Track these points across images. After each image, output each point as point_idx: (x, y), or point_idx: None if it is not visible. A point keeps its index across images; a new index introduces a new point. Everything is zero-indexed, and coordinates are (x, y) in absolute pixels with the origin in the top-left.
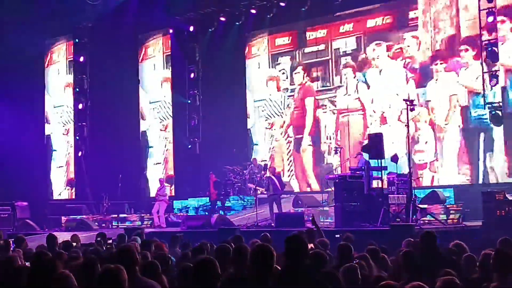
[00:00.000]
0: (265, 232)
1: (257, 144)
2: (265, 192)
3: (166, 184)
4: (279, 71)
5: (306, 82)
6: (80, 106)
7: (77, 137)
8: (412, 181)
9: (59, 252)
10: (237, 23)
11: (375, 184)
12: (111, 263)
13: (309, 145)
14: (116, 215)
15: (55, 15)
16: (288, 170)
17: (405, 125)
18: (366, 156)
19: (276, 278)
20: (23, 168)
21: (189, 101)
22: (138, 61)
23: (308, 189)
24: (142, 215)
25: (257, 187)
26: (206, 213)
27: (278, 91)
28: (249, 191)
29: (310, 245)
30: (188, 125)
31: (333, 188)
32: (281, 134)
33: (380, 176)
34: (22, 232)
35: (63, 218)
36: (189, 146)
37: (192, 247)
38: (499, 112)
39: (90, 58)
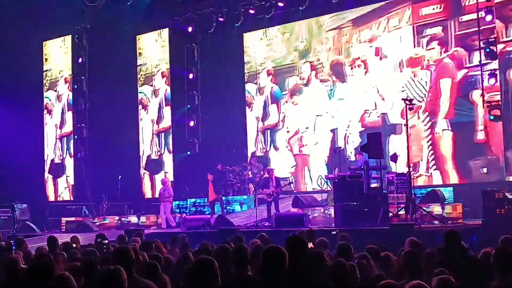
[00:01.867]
0: (262, 233)
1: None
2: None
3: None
4: (425, 44)
5: (443, 58)
6: (79, 107)
7: (76, 137)
8: (412, 180)
9: (59, 254)
10: (236, 24)
11: (374, 183)
12: (107, 264)
13: (445, 129)
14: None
15: (54, 16)
16: (428, 161)
17: (404, 125)
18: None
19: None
20: (23, 170)
21: (188, 106)
22: (137, 62)
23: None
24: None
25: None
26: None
27: (422, 69)
28: (266, 197)
29: (310, 245)
30: (187, 125)
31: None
32: (418, 119)
33: (379, 175)
34: (22, 234)
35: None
36: (188, 153)
37: (191, 248)
38: (498, 110)
39: (89, 59)
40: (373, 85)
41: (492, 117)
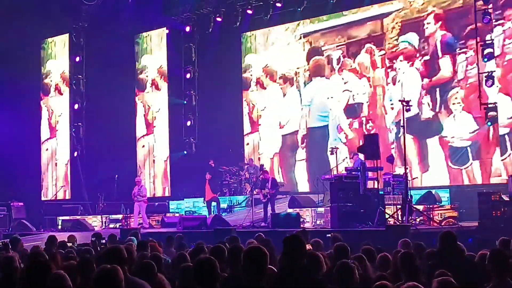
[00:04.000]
0: (260, 233)
1: None
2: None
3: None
4: None
5: None
6: (76, 106)
7: (73, 134)
8: (408, 181)
9: (55, 253)
10: (233, 24)
11: (370, 184)
12: (100, 263)
13: None
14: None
15: (52, 15)
16: None
17: (401, 126)
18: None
19: (271, 279)
20: (19, 168)
21: (185, 102)
22: (134, 61)
23: None
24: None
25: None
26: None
27: None
28: (263, 198)
29: (308, 246)
30: (184, 125)
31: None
32: None
33: (376, 176)
34: (18, 233)
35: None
36: (185, 152)
37: (188, 247)
38: (495, 113)
39: (86, 58)
40: None
41: (489, 123)
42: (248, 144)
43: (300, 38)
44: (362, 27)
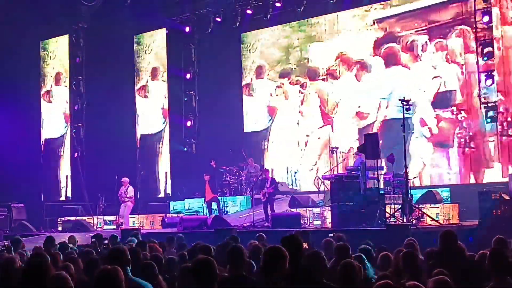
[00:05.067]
0: (261, 233)
1: None
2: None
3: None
4: None
5: None
6: (76, 106)
7: (73, 135)
8: (408, 181)
9: (55, 253)
10: (233, 24)
11: (371, 184)
12: (103, 264)
13: None
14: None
15: (52, 16)
16: None
17: (401, 125)
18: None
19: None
20: (19, 169)
21: (185, 99)
22: (134, 61)
23: None
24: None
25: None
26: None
27: None
28: (263, 197)
29: (305, 245)
30: (184, 125)
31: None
32: None
33: (376, 176)
34: (19, 234)
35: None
36: (185, 149)
37: (188, 248)
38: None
39: (86, 58)
40: None
41: (489, 120)
42: (319, 138)
43: (374, 24)
44: (444, 10)
